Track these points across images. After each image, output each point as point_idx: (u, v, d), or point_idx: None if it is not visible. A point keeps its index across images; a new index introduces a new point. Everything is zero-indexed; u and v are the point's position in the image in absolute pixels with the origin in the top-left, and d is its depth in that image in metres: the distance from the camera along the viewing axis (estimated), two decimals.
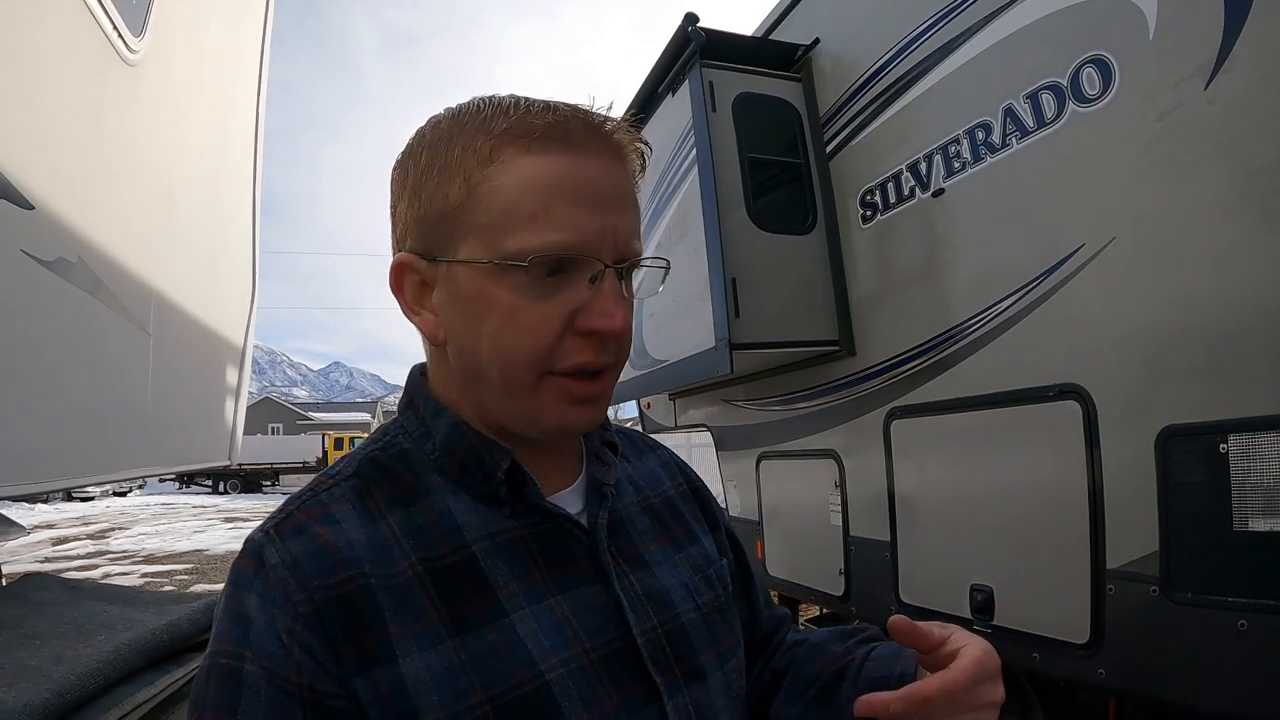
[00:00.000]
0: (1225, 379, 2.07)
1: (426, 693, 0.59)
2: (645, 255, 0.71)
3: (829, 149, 3.67)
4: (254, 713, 0.57)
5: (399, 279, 0.70)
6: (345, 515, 0.66)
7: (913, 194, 3.16)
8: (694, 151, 3.65)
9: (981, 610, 2.85)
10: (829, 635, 0.91)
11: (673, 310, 4.00)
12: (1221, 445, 2.05)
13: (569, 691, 0.64)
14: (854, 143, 3.50)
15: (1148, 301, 2.27)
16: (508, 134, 0.64)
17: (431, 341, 0.71)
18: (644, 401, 6.06)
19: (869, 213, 3.43)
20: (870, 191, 3.41)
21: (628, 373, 4.81)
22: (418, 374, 0.77)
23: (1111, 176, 2.36)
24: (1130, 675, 2.36)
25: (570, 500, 0.76)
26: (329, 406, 75.90)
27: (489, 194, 0.63)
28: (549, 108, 0.66)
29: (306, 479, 0.68)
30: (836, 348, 3.56)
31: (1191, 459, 2.15)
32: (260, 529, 0.65)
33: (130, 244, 2.63)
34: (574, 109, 0.66)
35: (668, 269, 0.77)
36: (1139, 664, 2.33)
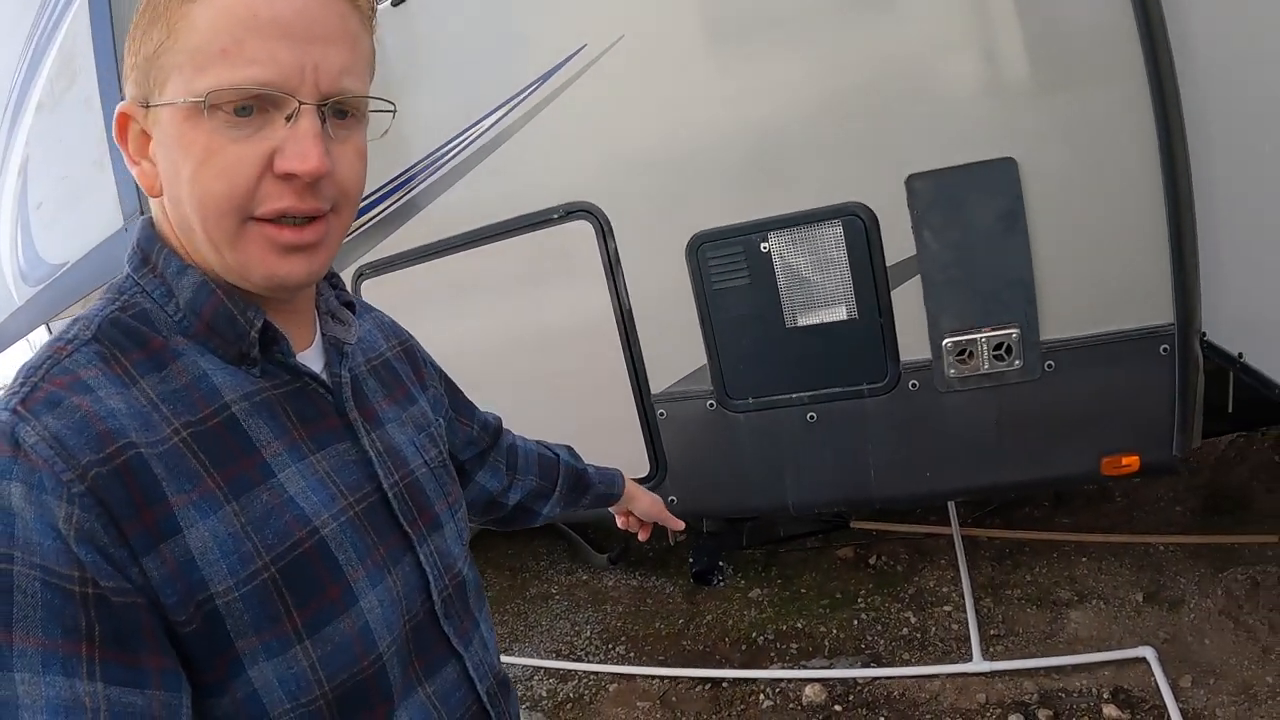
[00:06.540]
0: (760, 179, 2.00)
1: (215, 562, 0.60)
2: (365, 96, 0.68)
3: None
4: (30, 622, 0.53)
5: (122, 129, 0.68)
6: (97, 382, 0.61)
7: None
8: None
9: None
10: (549, 450, 1.30)
11: (66, 192, 3.01)
12: (763, 245, 2.00)
13: (343, 544, 0.68)
14: None
15: (662, 105, 2.07)
16: None
17: (149, 193, 0.69)
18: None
19: None
20: None
21: (17, 300, 3.64)
22: (149, 227, 0.72)
23: None
24: (702, 495, 2.36)
25: (311, 360, 0.76)
26: None
27: (185, 31, 0.61)
28: None
29: None
30: None
31: (731, 263, 2.07)
32: (2, 406, 0.58)
33: None
34: None
35: (394, 112, 0.74)
36: (709, 481, 2.32)
